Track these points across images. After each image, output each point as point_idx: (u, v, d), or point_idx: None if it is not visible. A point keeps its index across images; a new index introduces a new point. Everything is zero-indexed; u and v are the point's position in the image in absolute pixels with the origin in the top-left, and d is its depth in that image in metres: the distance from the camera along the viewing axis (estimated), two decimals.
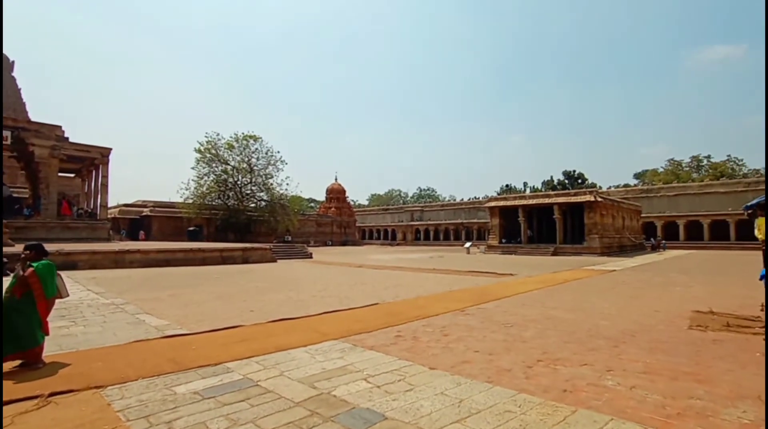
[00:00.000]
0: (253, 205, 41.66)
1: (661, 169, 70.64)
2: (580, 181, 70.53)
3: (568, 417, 3.05)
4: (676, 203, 45.62)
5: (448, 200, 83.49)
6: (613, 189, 56.79)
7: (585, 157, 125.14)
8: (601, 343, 5.18)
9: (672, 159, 70.38)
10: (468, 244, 36.90)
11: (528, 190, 75.35)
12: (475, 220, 54.87)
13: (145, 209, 40.77)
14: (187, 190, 38.29)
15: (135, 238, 34.70)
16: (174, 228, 38.21)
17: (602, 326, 6.21)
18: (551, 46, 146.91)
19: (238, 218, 39.39)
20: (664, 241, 39.23)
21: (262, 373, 4.05)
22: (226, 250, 20.08)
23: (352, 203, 75.68)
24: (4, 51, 35.04)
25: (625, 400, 3.37)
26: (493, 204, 36.26)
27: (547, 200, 32.70)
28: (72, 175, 32.74)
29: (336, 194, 63.66)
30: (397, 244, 59.94)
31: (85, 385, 3.65)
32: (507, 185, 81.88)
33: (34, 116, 31.28)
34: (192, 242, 27.77)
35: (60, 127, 24.91)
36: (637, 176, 78.99)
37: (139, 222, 39.72)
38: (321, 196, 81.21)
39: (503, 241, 34.56)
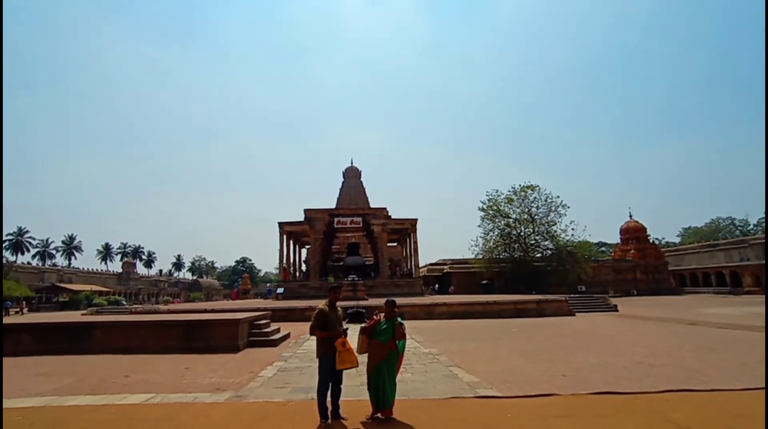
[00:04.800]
0: (539, 254, 40.49)
1: None
2: None
3: None
4: None
5: None
6: None
7: None
8: None
9: None
10: None
11: None
12: None
13: (445, 267, 47.29)
14: (476, 246, 42.28)
15: (441, 292, 40.19)
16: (469, 282, 41.80)
17: None
18: None
19: (525, 269, 38.97)
20: None
21: None
22: (520, 302, 19.71)
23: (657, 243, 60.19)
24: (356, 164, 52.08)
25: None
26: None
27: None
28: (395, 244, 42.63)
29: (634, 234, 52.74)
30: (745, 293, 41.22)
31: None
32: None
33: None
34: (486, 295, 29.20)
35: (385, 208, 33.52)
36: None
37: (441, 278, 46.15)
38: (611, 238, 70.02)
39: None
